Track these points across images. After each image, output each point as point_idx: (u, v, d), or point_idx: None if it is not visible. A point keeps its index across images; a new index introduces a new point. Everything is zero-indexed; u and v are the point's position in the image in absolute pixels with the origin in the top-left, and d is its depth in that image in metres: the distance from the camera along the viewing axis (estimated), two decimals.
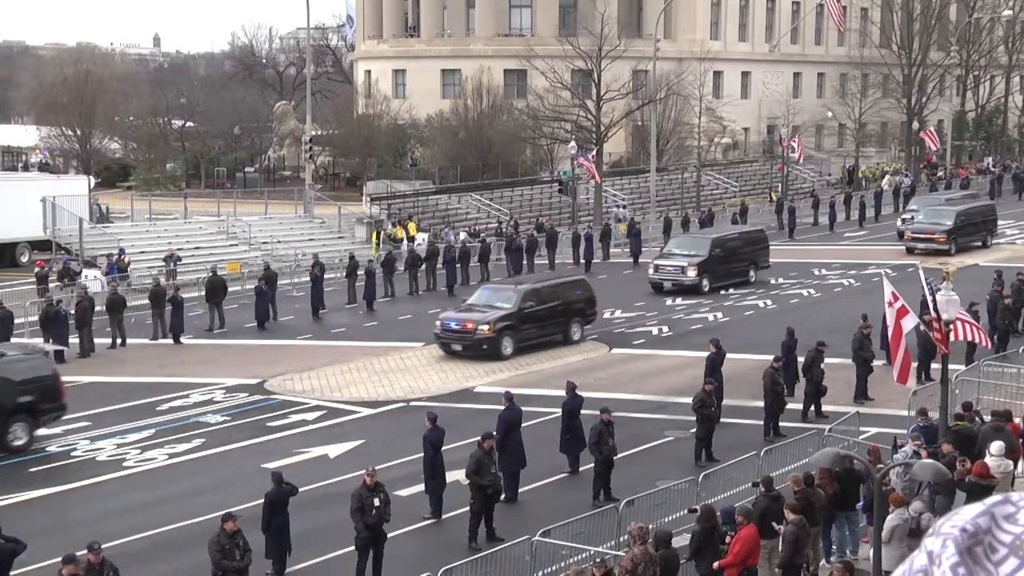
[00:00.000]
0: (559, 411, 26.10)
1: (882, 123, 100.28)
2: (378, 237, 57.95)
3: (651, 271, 48.42)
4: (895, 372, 23.96)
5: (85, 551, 17.06)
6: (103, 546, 18.14)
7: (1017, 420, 23.45)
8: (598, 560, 16.74)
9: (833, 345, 31.58)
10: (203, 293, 44.04)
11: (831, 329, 34.88)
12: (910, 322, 23.67)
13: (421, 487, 23.51)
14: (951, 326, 23.71)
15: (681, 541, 18.65)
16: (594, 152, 70.45)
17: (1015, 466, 21.63)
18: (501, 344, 36.68)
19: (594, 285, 50.26)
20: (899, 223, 60.99)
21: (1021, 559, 2.19)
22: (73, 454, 28.24)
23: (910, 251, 55.37)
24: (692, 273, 47.11)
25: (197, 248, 55.93)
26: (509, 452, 23.93)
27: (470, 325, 36.85)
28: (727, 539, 18.08)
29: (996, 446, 20.94)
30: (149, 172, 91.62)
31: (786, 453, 23.97)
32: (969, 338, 25.91)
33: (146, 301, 41.88)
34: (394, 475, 24.52)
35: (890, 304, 23.77)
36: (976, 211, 59.49)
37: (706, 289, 46.88)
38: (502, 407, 24.92)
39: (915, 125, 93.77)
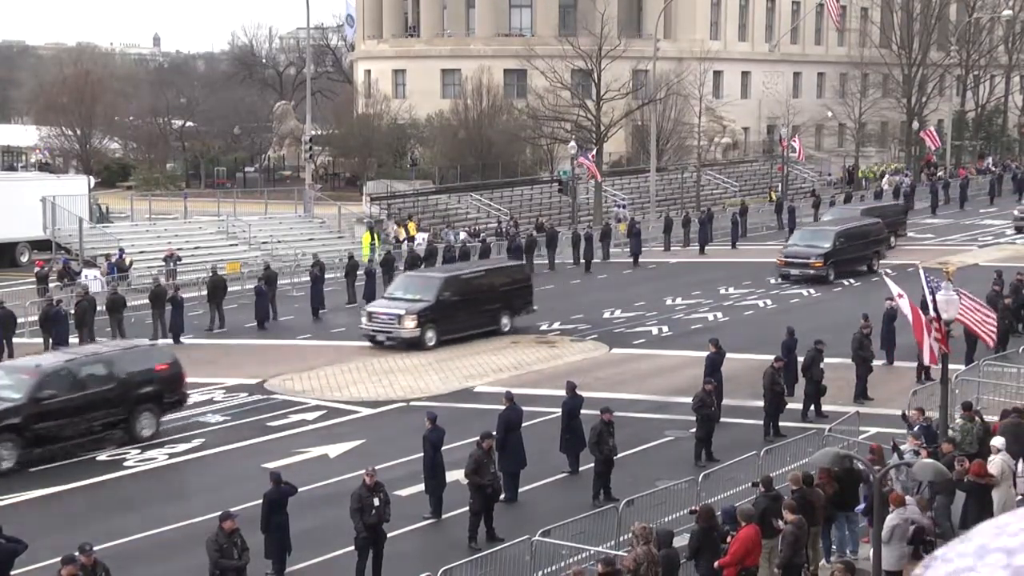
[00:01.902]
0: (559, 411, 26.08)
1: (882, 123, 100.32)
2: (372, 238, 57.69)
3: (364, 320, 39.29)
4: (925, 356, 23.66)
5: (77, 553, 17.03)
6: (102, 546, 18.16)
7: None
8: (603, 557, 16.73)
9: (833, 345, 31.58)
10: (204, 293, 44.08)
11: (831, 329, 34.86)
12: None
13: (421, 487, 23.50)
14: (951, 326, 23.72)
15: (681, 541, 18.64)
16: (594, 152, 70.48)
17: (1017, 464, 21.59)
18: None
19: (594, 285, 50.80)
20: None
21: None
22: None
23: (784, 277, 49.26)
24: (410, 324, 37.77)
25: (197, 248, 55.92)
26: (509, 452, 23.92)
27: None
28: (728, 539, 18.09)
29: (999, 441, 20.92)
30: (149, 172, 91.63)
31: (786, 453, 23.97)
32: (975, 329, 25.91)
33: (146, 301, 41.87)
34: (394, 475, 24.50)
35: (900, 295, 23.63)
36: (860, 231, 52.12)
37: (431, 343, 37.95)
38: (502, 407, 24.90)
39: (915, 125, 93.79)
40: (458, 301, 39.05)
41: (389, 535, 20.50)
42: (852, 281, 49.21)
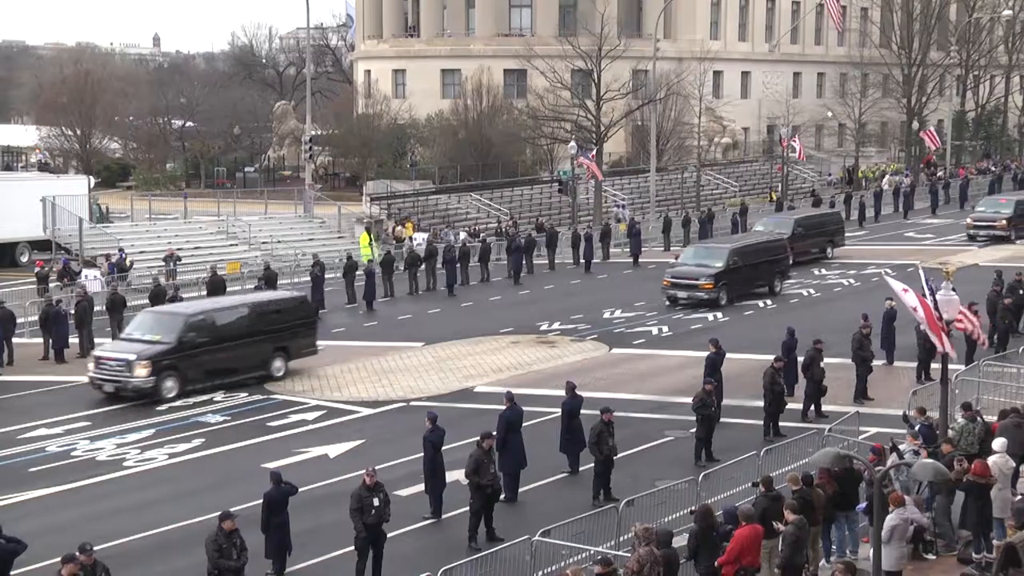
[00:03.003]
0: (559, 411, 26.08)
1: (882, 123, 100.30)
2: (370, 238, 57.64)
3: (91, 366, 33.36)
4: (946, 345, 23.39)
5: (77, 553, 17.03)
6: (102, 546, 18.15)
7: None
8: (600, 558, 16.72)
9: (833, 345, 31.58)
10: (204, 293, 44.09)
11: (831, 329, 34.87)
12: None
13: (421, 487, 23.52)
14: (951, 325, 23.70)
15: (680, 541, 18.64)
16: (594, 152, 70.49)
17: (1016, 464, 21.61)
18: None
19: (594, 285, 50.77)
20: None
21: None
22: (73, 454, 28.23)
23: (672, 301, 44.30)
24: (142, 371, 31.86)
25: (197, 248, 55.95)
26: (510, 452, 23.93)
27: None
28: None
29: (999, 443, 20.93)
30: (149, 172, 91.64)
31: (786, 453, 23.95)
32: (968, 331, 25.86)
33: (146, 301, 41.86)
34: (394, 475, 24.52)
35: (906, 290, 23.41)
36: (759, 248, 47.05)
37: (171, 395, 32.22)
38: (502, 407, 24.89)
39: (915, 125, 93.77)
40: (209, 343, 33.19)
41: (389, 535, 20.51)
42: (852, 282, 49.14)
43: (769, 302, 45.29)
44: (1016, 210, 59.26)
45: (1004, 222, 58.54)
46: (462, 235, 59.96)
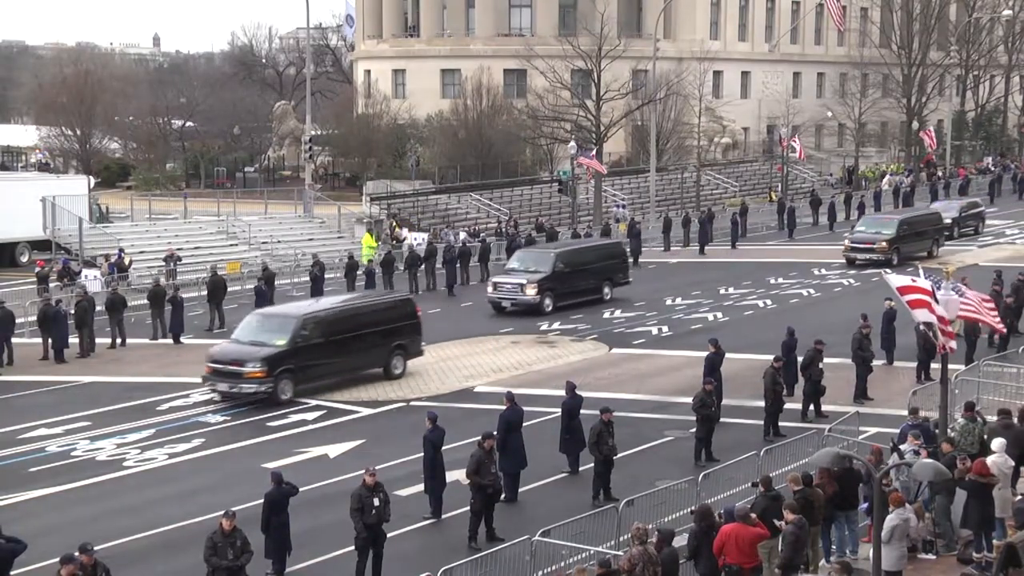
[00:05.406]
0: (559, 411, 26.08)
1: (882, 123, 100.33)
2: (372, 239, 57.55)
3: None
4: (950, 343, 23.29)
5: (77, 553, 17.03)
6: (102, 546, 18.14)
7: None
8: (599, 559, 16.74)
9: (833, 345, 31.58)
10: (204, 293, 44.11)
11: (831, 329, 34.87)
12: (920, 316, 23.25)
13: (421, 487, 23.52)
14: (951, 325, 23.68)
15: (680, 541, 18.65)
16: (594, 152, 70.53)
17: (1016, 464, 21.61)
18: None
19: None
20: None
21: None
22: (73, 454, 28.23)
23: (220, 394, 32.32)
24: None
25: (197, 248, 55.95)
26: (510, 452, 23.93)
27: None
28: None
29: (998, 443, 20.95)
30: (149, 172, 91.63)
31: (786, 453, 23.96)
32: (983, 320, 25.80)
33: (146, 301, 41.86)
34: (394, 475, 24.53)
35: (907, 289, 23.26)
36: (356, 315, 34.16)
37: None
38: (502, 407, 24.89)
39: (915, 125, 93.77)
40: None
41: (389, 535, 20.50)
42: (852, 282, 49.08)
43: (771, 302, 45.24)
44: (899, 230, 52.99)
45: (884, 244, 51.98)
46: (462, 235, 59.96)
